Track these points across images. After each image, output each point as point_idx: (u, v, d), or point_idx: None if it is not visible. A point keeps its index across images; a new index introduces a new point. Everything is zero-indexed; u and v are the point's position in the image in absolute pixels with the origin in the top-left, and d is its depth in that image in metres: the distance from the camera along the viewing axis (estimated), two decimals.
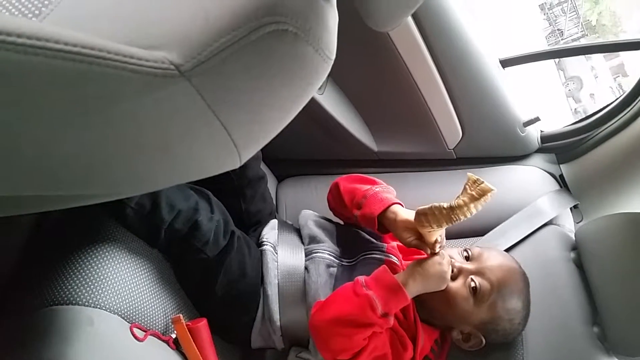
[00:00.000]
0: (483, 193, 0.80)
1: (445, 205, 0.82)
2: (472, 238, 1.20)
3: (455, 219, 0.81)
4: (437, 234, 0.89)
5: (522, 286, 0.97)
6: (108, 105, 0.38)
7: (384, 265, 0.92)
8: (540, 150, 1.34)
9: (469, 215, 0.81)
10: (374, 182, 1.05)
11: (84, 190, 0.43)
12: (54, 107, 0.37)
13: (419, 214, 0.85)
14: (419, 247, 0.91)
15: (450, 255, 0.96)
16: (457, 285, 0.93)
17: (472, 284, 0.92)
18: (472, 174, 0.83)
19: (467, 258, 0.98)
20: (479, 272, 0.94)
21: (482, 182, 0.81)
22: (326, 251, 1.03)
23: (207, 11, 0.39)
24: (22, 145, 0.38)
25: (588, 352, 0.97)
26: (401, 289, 0.87)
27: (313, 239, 1.07)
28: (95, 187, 0.43)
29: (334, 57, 0.48)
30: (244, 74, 0.41)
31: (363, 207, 0.99)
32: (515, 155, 1.32)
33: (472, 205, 0.80)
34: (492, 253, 0.99)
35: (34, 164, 0.40)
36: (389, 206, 0.96)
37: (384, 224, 0.97)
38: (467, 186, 0.82)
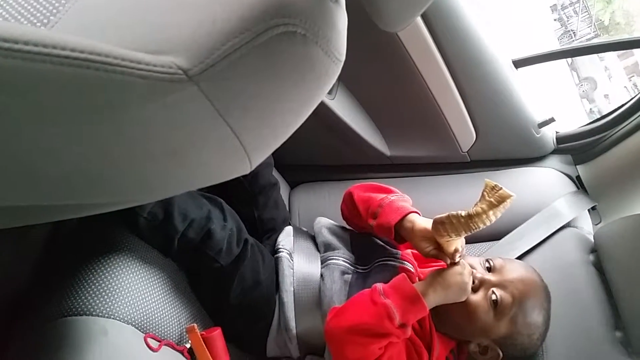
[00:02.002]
0: (502, 200, 0.78)
1: (464, 213, 0.80)
2: (488, 242, 1.18)
3: (474, 228, 0.79)
4: (456, 243, 0.87)
5: (543, 301, 0.94)
6: (116, 111, 0.38)
7: (403, 274, 0.90)
8: (556, 152, 1.32)
9: (488, 224, 0.79)
10: (388, 191, 1.03)
11: (94, 198, 0.43)
12: (62, 115, 0.37)
13: (437, 223, 0.83)
14: (438, 257, 0.89)
15: (471, 264, 0.94)
16: (478, 297, 0.91)
17: (494, 297, 0.90)
18: (489, 179, 0.81)
19: (489, 269, 0.95)
20: (500, 285, 0.91)
21: (501, 189, 0.78)
22: (341, 258, 1.02)
23: (214, 14, 0.39)
24: (31, 154, 0.38)
25: (611, 358, 0.94)
26: (420, 299, 0.84)
27: (328, 247, 1.06)
28: (105, 195, 0.43)
29: (343, 58, 0.47)
30: (253, 77, 0.40)
31: (379, 216, 0.97)
32: (530, 157, 1.31)
33: (491, 213, 0.78)
34: (514, 265, 0.97)
35: (44, 173, 0.40)
36: (406, 215, 0.94)
37: (401, 233, 0.95)
38: (485, 193, 0.80)
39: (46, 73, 0.35)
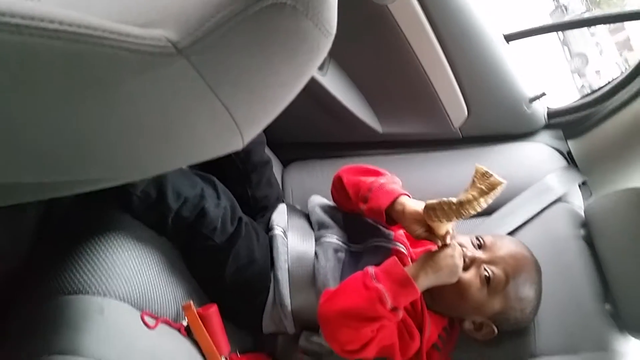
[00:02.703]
0: (492, 187, 0.78)
1: (455, 200, 0.80)
2: (479, 218, 1.18)
3: (464, 214, 0.80)
4: (447, 226, 0.87)
5: (535, 275, 0.96)
6: (106, 86, 0.38)
7: (395, 257, 0.90)
8: (547, 127, 1.33)
9: (478, 210, 0.80)
10: (378, 173, 1.02)
11: (87, 174, 0.43)
12: (52, 89, 0.37)
13: (428, 209, 0.84)
14: (429, 239, 0.90)
15: (461, 243, 0.95)
16: (469, 275, 0.92)
17: (486, 274, 0.91)
18: (480, 165, 0.81)
19: (479, 246, 0.96)
20: (492, 262, 0.92)
21: (491, 175, 0.79)
22: (334, 236, 1.03)
23: None
24: (22, 130, 0.38)
25: (601, 330, 0.96)
26: (412, 283, 0.85)
27: (322, 225, 1.06)
28: (98, 171, 0.43)
29: (334, 32, 0.47)
30: (243, 50, 0.40)
31: (369, 200, 0.97)
32: (521, 133, 1.31)
33: (481, 200, 0.79)
34: (505, 241, 0.98)
35: (36, 149, 0.39)
36: (396, 198, 0.94)
37: (392, 216, 0.95)
38: (475, 179, 0.80)
39: (35, 47, 0.35)
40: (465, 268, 0.92)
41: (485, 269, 0.91)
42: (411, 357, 0.94)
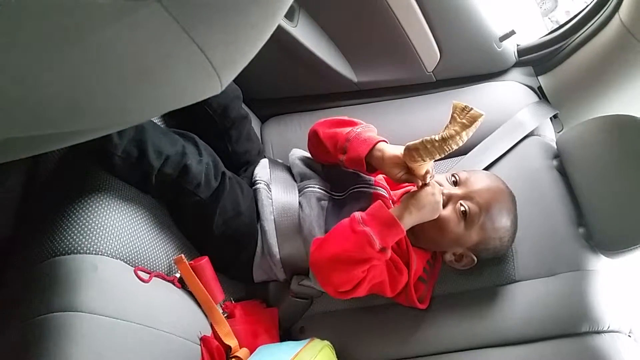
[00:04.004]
0: (473, 119, 0.80)
1: (437, 137, 0.82)
2: (455, 158, 1.22)
3: (448, 150, 0.82)
4: (427, 166, 0.90)
5: (509, 205, 0.99)
6: (83, 34, 0.38)
7: (380, 201, 0.93)
8: (517, 64, 1.35)
9: (460, 144, 0.82)
10: (353, 123, 1.04)
11: (73, 125, 0.44)
12: (30, 40, 0.37)
13: (410, 150, 0.86)
14: (410, 180, 0.93)
15: (438, 182, 0.98)
16: (447, 212, 0.95)
17: (462, 209, 0.95)
18: (456, 101, 0.82)
19: (455, 183, 1.00)
20: (467, 197, 0.96)
21: (471, 109, 0.80)
22: (317, 186, 1.06)
23: None
24: (5, 84, 0.38)
25: (576, 252, 1.01)
26: (397, 223, 0.88)
27: (304, 176, 1.09)
28: (84, 121, 0.44)
29: None
30: None
31: (348, 151, 0.98)
32: (493, 72, 1.33)
33: (464, 134, 0.81)
34: (478, 175, 1.01)
35: (16, 102, 0.40)
36: (374, 145, 0.96)
37: (372, 163, 0.97)
38: (455, 115, 0.82)
39: None
40: (443, 205, 0.95)
41: (461, 204, 0.95)
42: (400, 290, 0.99)
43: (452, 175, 1.01)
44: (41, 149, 0.48)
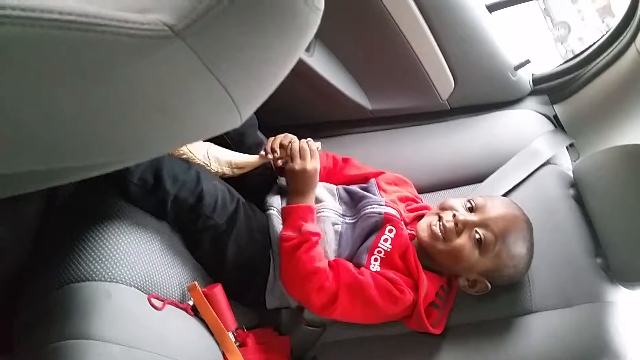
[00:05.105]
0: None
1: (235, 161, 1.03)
2: (472, 185, 1.21)
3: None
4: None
5: (525, 233, 0.98)
6: (107, 71, 0.39)
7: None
8: (532, 93, 1.35)
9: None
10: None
11: (93, 159, 0.44)
12: (55, 78, 0.38)
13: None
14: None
15: (453, 207, 0.98)
16: (462, 240, 0.95)
17: (477, 236, 0.94)
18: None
19: (471, 209, 0.99)
20: (483, 224, 0.95)
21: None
22: (330, 210, 1.05)
23: None
24: (25, 119, 0.39)
25: (593, 283, 0.99)
26: (291, 208, 1.00)
27: (317, 200, 1.08)
28: (104, 155, 0.44)
29: (322, 7, 0.48)
30: (237, 29, 0.41)
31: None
32: (508, 100, 1.33)
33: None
34: (495, 202, 1.00)
35: (41, 137, 0.41)
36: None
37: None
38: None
39: (36, 37, 0.36)
40: (458, 233, 0.95)
41: (476, 232, 0.94)
42: (408, 313, 0.98)
43: (468, 200, 1.00)
44: (62, 180, 0.49)
